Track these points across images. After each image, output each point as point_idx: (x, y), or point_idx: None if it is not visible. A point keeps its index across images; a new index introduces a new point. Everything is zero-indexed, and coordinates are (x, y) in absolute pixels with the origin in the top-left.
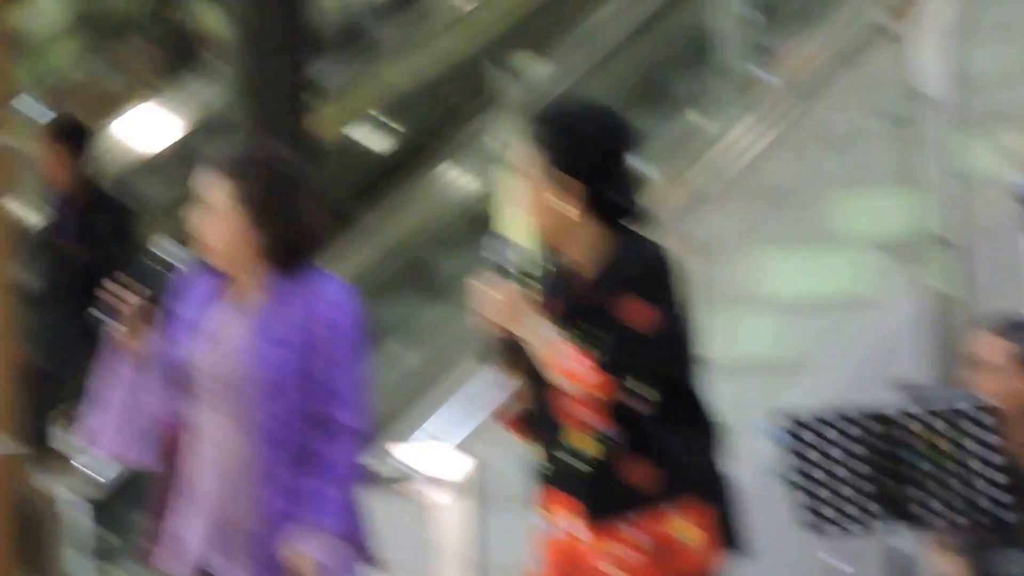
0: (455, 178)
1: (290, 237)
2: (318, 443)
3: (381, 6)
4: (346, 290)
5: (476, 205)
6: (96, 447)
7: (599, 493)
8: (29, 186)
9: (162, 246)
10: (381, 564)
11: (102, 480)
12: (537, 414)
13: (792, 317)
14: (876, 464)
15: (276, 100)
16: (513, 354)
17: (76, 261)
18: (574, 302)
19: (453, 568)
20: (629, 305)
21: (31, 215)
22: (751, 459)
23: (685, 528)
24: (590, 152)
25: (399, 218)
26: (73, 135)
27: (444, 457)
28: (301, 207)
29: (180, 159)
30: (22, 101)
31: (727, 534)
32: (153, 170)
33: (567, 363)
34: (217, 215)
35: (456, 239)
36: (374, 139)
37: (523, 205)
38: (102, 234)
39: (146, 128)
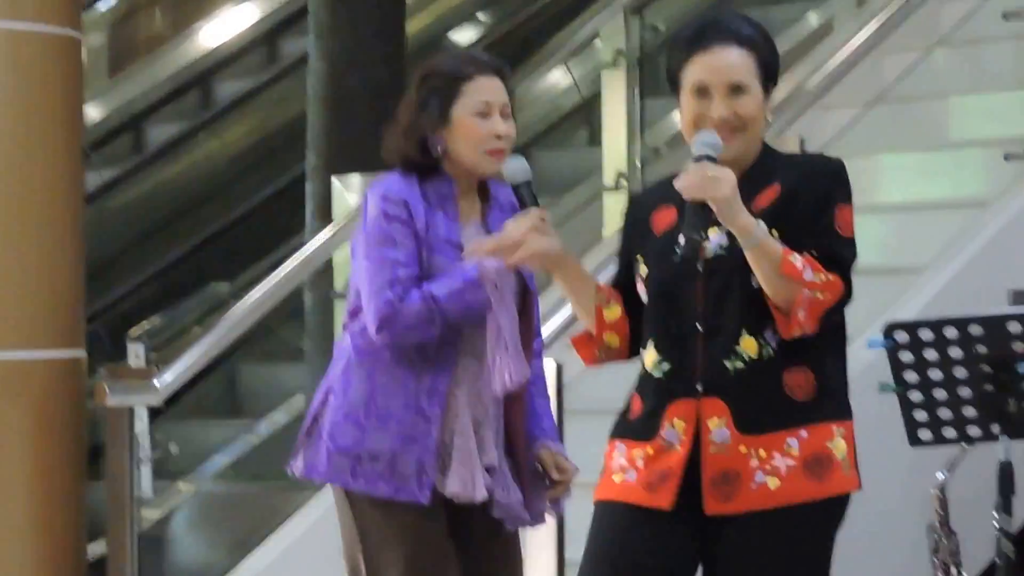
0: (563, 81)
1: None
2: None
3: None
4: None
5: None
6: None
7: (756, 399)
8: None
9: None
10: None
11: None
12: (674, 318)
13: (906, 221)
14: (978, 369)
15: None
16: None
17: None
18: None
19: None
20: (837, 210)
21: None
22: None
23: (841, 446)
24: (776, 58)
25: None
26: None
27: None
28: None
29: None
30: None
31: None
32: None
33: (794, 260)
34: None
35: (561, 142)
36: (471, 38)
37: (723, 109)
38: None
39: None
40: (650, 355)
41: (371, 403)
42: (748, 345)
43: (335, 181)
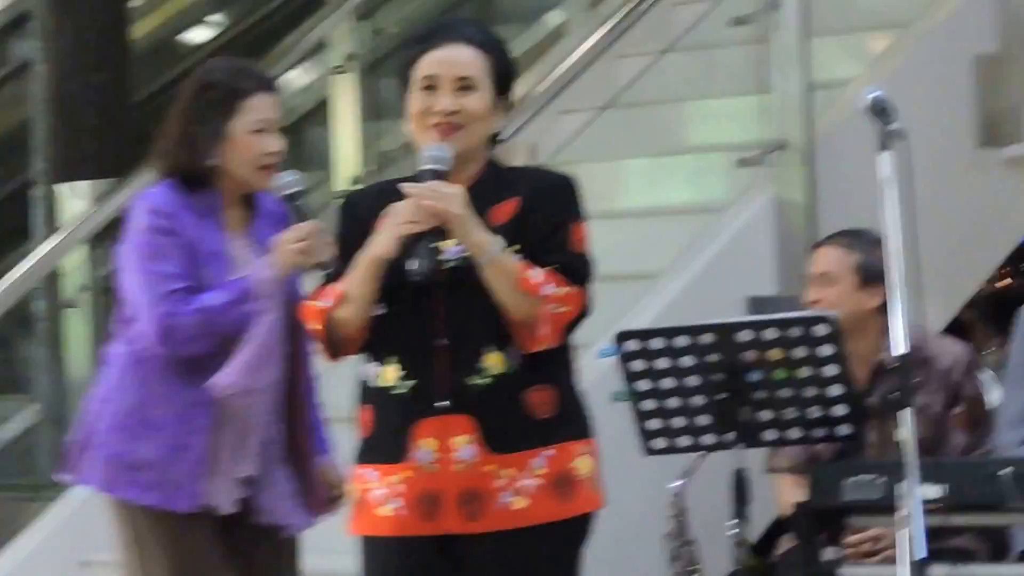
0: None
1: None
2: None
3: None
4: None
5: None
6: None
7: (502, 416)
8: None
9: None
10: None
11: None
12: (416, 332)
13: (643, 227)
14: (711, 377)
15: None
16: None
17: None
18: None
19: None
20: (571, 227)
21: None
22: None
23: (585, 464)
24: (509, 65)
25: None
26: None
27: None
28: None
29: None
30: None
31: None
32: None
33: (531, 275)
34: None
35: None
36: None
37: (468, 115)
38: None
39: None
40: (391, 371)
41: (143, 412)
42: (493, 361)
43: (62, 187)
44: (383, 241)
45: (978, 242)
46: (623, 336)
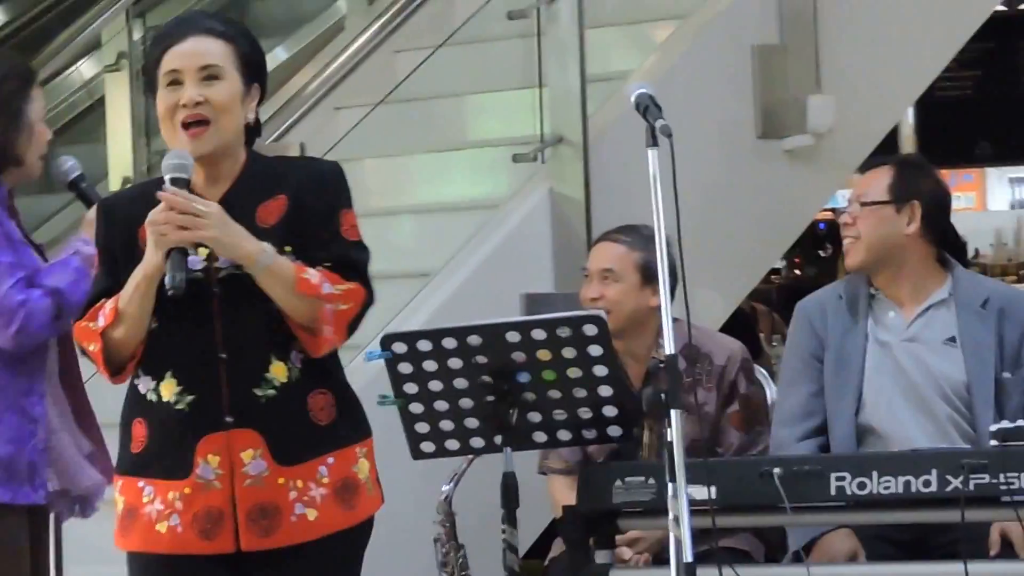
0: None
1: None
2: None
3: None
4: None
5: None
6: None
7: (288, 427)
8: None
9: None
10: None
11: None
12: (191, 344)
13: (417, 225)
14: (477, 380)
15: None
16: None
17: None
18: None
19: None
20: (342, 215)
21: None
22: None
23: (364, 468)
24: (258, 54)
25: None
26: None
27: None
28: None
29: None
30: None
31: None
32: None
33: (307, 276)
34: None
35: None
36: None
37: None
38: None
39: None
40: (168, 386)
41: None
42: (277, 370)
43: None
44: (150, 257)
45: (761, 233)
46: (388, 339)
